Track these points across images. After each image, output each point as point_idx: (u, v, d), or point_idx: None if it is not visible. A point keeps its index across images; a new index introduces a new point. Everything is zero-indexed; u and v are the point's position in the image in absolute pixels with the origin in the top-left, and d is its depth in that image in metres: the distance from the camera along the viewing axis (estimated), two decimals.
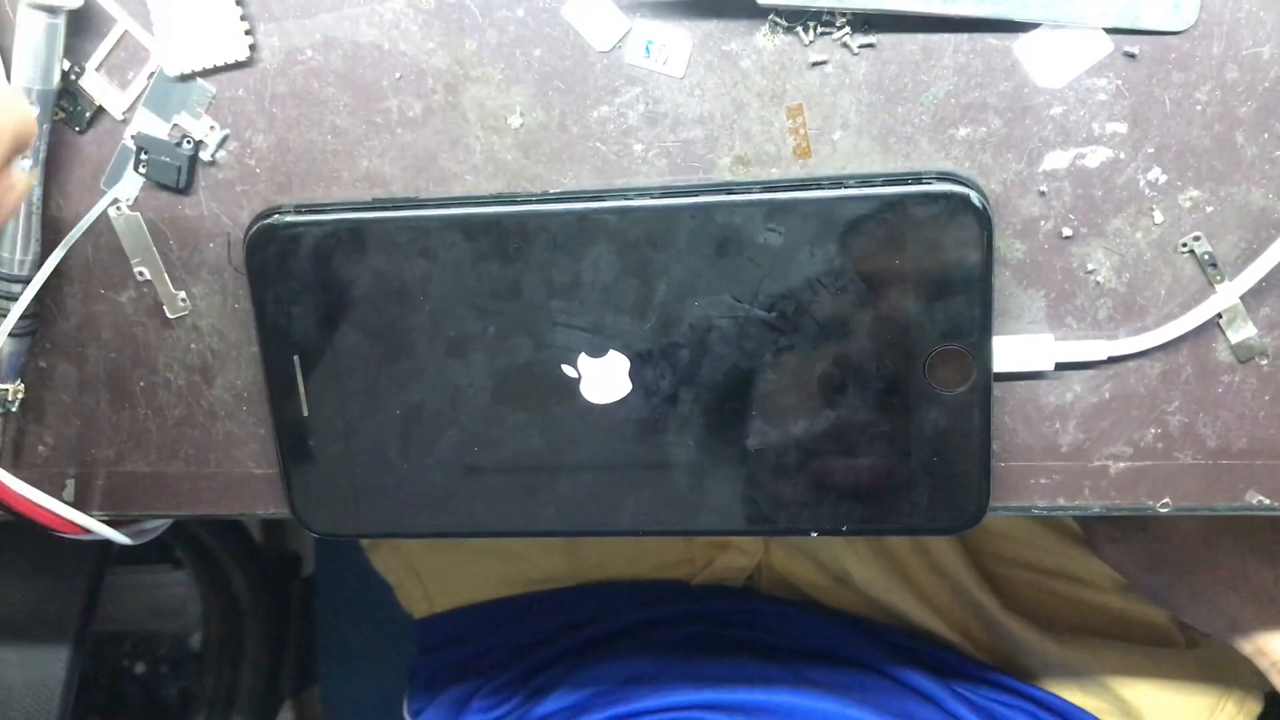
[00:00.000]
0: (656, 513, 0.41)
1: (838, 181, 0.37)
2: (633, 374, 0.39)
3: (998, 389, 0.40)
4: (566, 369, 0.40)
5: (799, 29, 0.37)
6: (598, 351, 0.39)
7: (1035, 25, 0.36)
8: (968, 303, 0.37)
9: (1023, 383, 0.40)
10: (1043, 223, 0.38)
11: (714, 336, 0.39)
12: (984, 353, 0.37)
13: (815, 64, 0.38)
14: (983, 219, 0.36)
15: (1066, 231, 0.38)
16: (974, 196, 0.36)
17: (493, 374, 0.40)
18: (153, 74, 0.40)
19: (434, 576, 0.74)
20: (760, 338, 0.38)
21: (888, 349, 0.38)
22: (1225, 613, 0.54)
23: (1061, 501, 0.41)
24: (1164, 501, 0.41)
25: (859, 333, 0.38)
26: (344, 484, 0.42)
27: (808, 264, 0.38)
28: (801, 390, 0.39)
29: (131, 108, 0.41)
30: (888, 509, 0.40)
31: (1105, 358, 0.38)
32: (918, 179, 0.37)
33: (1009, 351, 0.39)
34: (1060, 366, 0.39)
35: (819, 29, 0.37)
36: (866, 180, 0.37)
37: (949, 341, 0.38)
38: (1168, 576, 0.55)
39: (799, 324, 0.38)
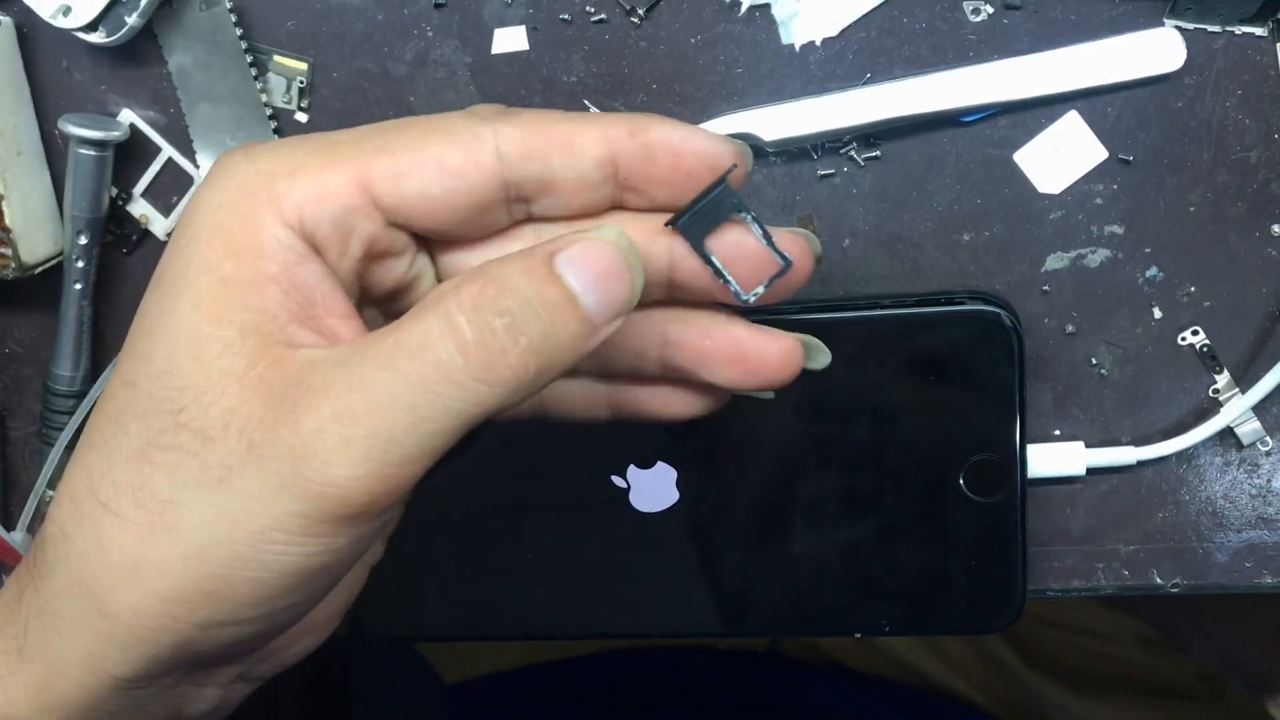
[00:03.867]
0: (703, 616, 0.43)
1: (874, 302, 0.39)
2: (679, 484, 0.41)
3: (1031, 492, 0.41)
4: (616, 480, 0.41)
5: (808, 146, 0.39)
6: (646, 463, 0.41)
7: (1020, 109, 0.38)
8: (1001, 416, 0.39)
9: None
10: (1047, 320, 0.40)
11: (759, 449, 0.40)
12: (1018, 462, 0.39)
13: (824, 176, 0.40)
14: (1014, 338, 0.38)
15: (1070, 328, 0.40)
16: (1005, 317, 0.38)
17: (546, 485, 0.42)
18: None
19: (465, 644, 0.76)
20: (803, 449, 0.40)
21: (926, 460, 0.40)
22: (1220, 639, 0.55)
23: (1076, 584, 0.43)
24: (1176, 581, 0.42)
25: (898, 445, 0.40)
26: (406, 586, 0.44)
27: (847, 381, 0.39)
28: (843, 499, 0.41)
29: (172, 230, 0.43)
30: (928, 611, 0.41)
31: (1135, 462, 0.40)
32: (950, 299, 0.38)
33: (1043, 459, 0.40)
34: (1091, 472, 0.41)
35: (826, 144, 0.39)
36: (900, 301, 0.39)
37: (984, 453, 0.39)
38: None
39: (840, 436, 0.40)
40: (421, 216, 0.26)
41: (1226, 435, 0.40)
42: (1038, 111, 0.38)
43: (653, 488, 0.41)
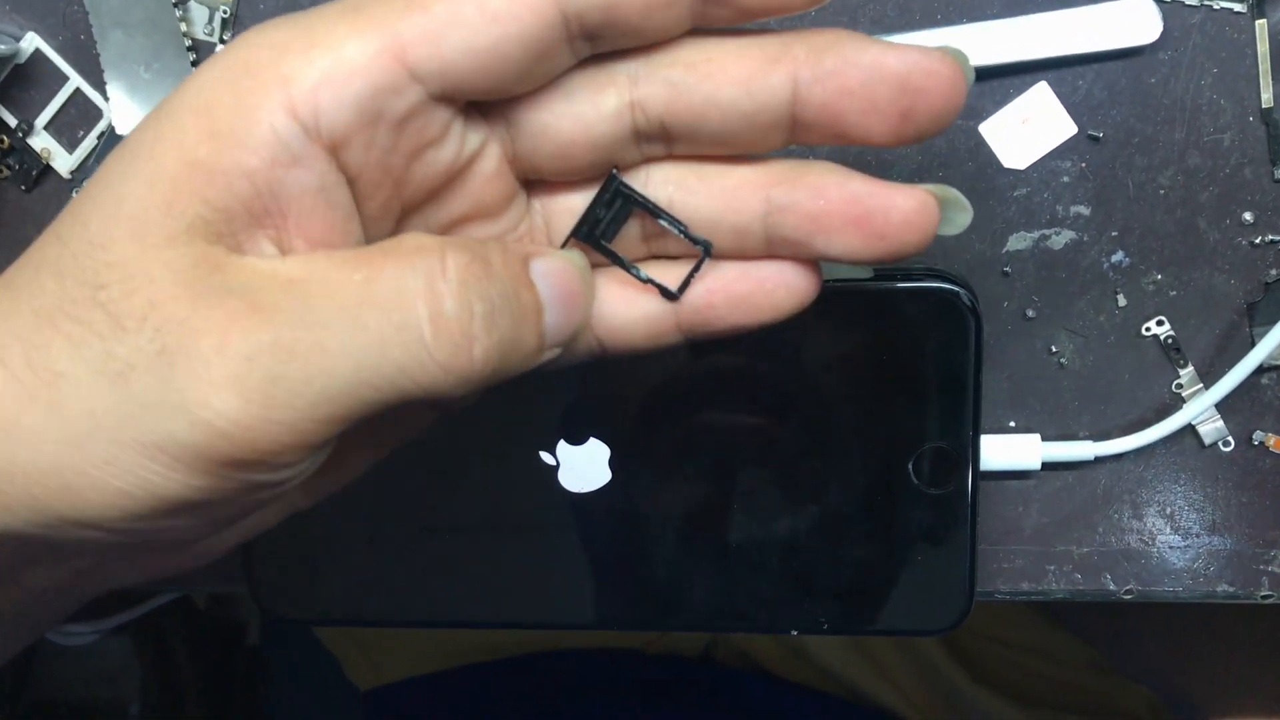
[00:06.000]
0: (633, 607, 0.40)
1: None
2: (613, 463, 0.38)
3: (982, 486, 0.39)
4: (544, 455, 0.39)
5: None
6: (577, 438, 0.38)
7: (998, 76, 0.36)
8: (956, 402, 0.36)
9: None
10: (1006, 303, 0.38)
11: (697, 428, 0.38)
12: (971, 452, 0.37)
13: None
14: (972, 320, 0.35)
15: (1030, 313, 0.38)
16: (963, 296, 0.35)
17: (465, 457, 0.39)
18: (103, 134, 0.39)
19: (379, 648, 0.72)
20: (745, 430, 0.38)
21: (873, 446, 0.37)
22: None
23: (1025, 586, 0.40)
24: (1129, 588, 0.40)
25: (844, 429, 0.37)
26: (306, 567, 0.41)
27: (792, 358, 0.37)
28: (784, 486, 0.38)
29: (81, 167, 0.40)
30: (870, 608, 0.39)
31: (1093, 458, 0.38)
32: (905, 274, 0.36)
33: (997, 451, 0.38)
34: (1046, 466, 0.39)
35: None
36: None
37: (935, 440, 0.37)
38: None
39: (782, 418, 0.37)
40: (470, 78, 0.22)
41: (1188, 433, 0.39)
42: (1006, 81, 0.36)
43: (584, 466, 0.39)
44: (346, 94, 0.21)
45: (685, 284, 0.25)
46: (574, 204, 0.26)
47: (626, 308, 0.26)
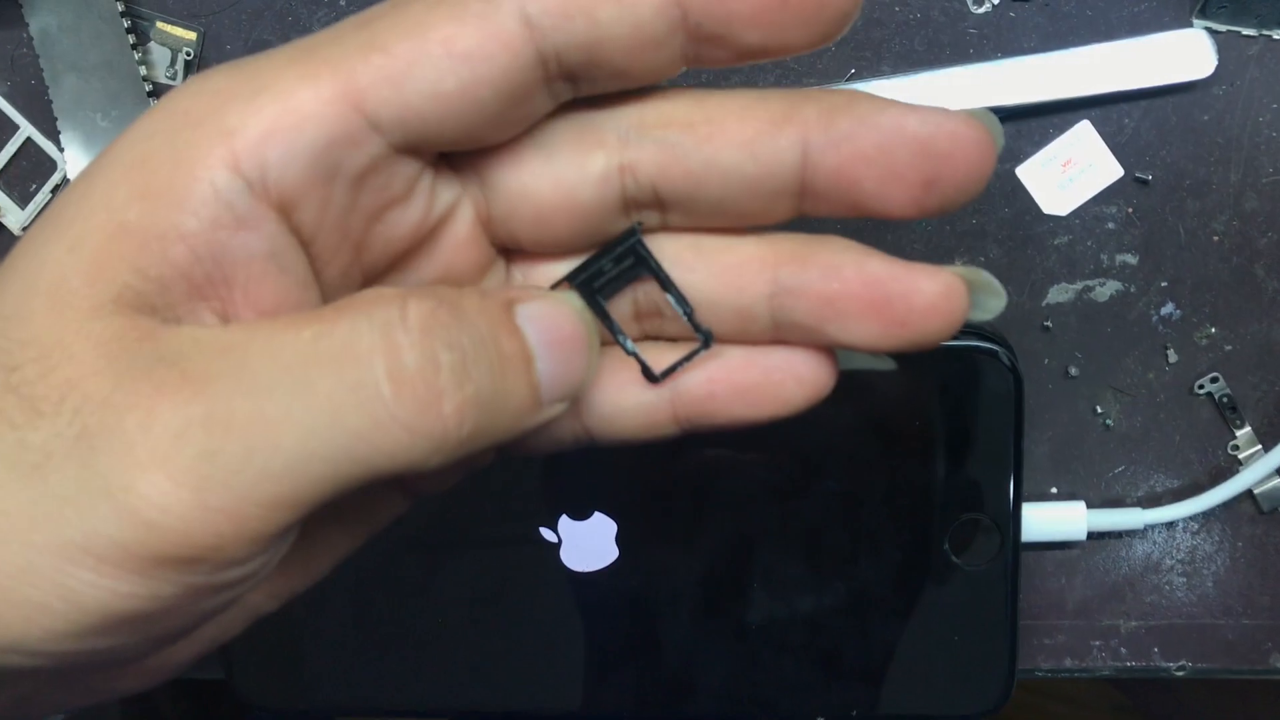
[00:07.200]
0: (643, 696, 0.37)
1: None
2: (620, 539, 0.35)
3: (1023, 558, 0.36)
4: (545, 532, 0.35)
5: None
6: (581, 513, 0.35)
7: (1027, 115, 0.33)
8: (995, 469, 0.33)
9: None
10: (1047, 360, 0.35)
11: (712, 498, 0.35)
12: (1012, 524, 0.34)
13: None
14: (1012, 380, 0.33)
15: (1073, 370, 0.35)
16: (1001, 355, 0.32)
17: (459, 535, 0.36)
18: (58, 186, 0.36)
19: None
20: (763, 501, 0.34)
21: (905, 517, 0.34)
22: None
23: (1069, 663, 0.37)
24: (1182, 664, 0.37)
25: (873, 500, 0.34)
26: (290, 650, 0.37)
27: (817, 423, 0.34)
28: (809, 562, 0.35)
29: (32, 223, 0.36)
30: (903, 693, 0.36)
31: (1142, 526, 0.35)
32: None
33: (1039, 521, 0.35)
34: (1092, 535, 0.36)
35: None
36: None
37: (973, 511, 0.34)
38: None
39: (807, 486, 0.34)
40: (437, 127, 0.19)
41: (1245, 499, 0.36)
42: (1045, 120, 0.33)
43: (588, 542, 0.35)
44: (297, 146, 0.18)
45: (671, 370, 0.22)
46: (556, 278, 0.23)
47: (618, 394, 0.23)
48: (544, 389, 0.20)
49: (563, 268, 0.22)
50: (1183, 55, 0.32)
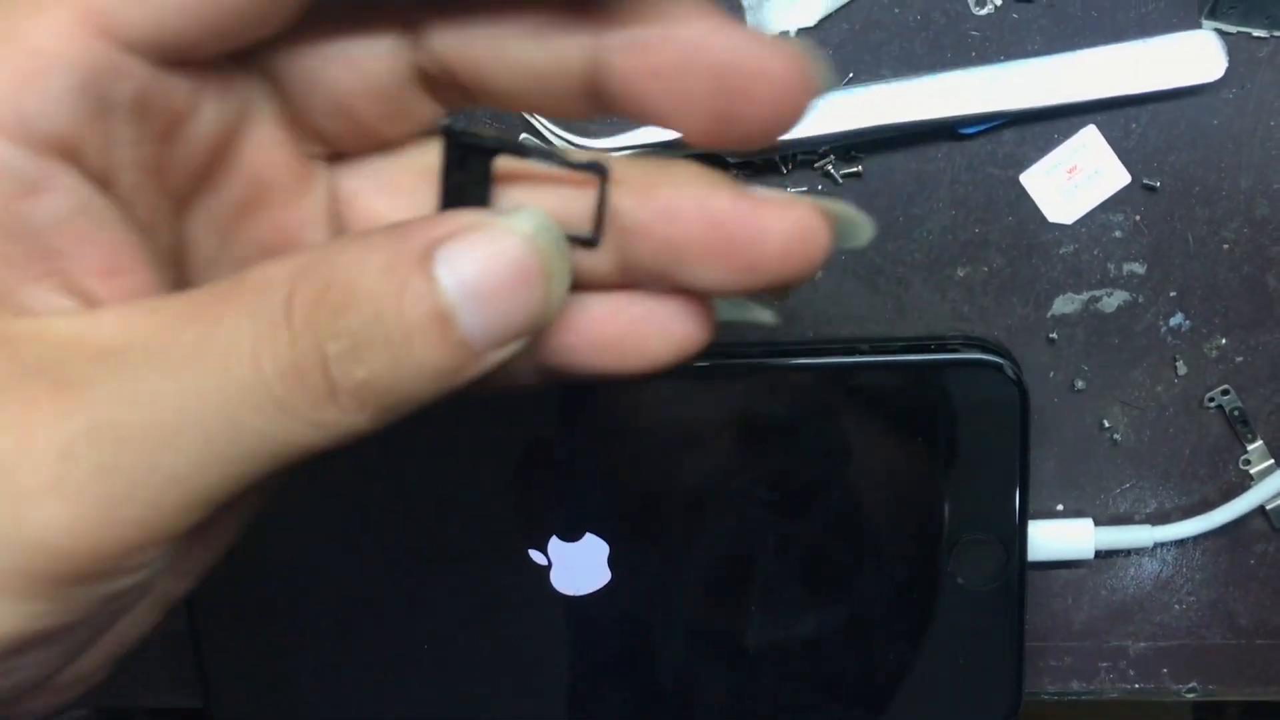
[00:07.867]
0: None
1: (850, 347, 0.32)
2: (612, 561, 0.34)
3: (1029, 578, 0.35)
4: (534, 554, 0.34)
5: (776, 157, 0.33)
6: (572, 534, 0.34)
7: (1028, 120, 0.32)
8: (1000, 487, 0.32)
9: None
10: (1052, 373, 0.34)
11: (707, 518, 0.33)
12: (1018, 544, 0.33)
13: (794, 194, 0.33)
14: (1017, 395, 0.31)
15: (1079, 384, 0.34)
16: (1006, 368, 0.31)
17: (445, 556, 0.34)
18: None
19: None
20: (761, 521, 0.33)
21: (906, 536, 0.33)
22: None
23: (1076, 686, 0.36)
24: (1191, 686, 0.36)
25: (874, 519, 0.33)
26: (268, 673, 0.36)
27: (816, 440, 0.33)
28: (808, 584, 0.34)
29: None
30: (905, 717, 0.35)
31: (1151, 544, 0.34)
32: (941, 345, 0.32)
33: (1045, 539, 0.34)
34: (1100, 554, 0.34)
35: (797, 156, 0.33)
36: (882, 346, 0.32)
37: (978, 532, 0.33)
38: None
39: (805, 507, 0.33)
40: (195, 29, 0.17)
41: (1257, 516, 0.35)
42: (1049, 125, 0.32)
43: (579, 565, 0.34)
44: (53, 92, 0.17)
45: (598, 224, 0.19)
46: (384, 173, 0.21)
47: None
48: (476, 340, 0.18)
49: (388, 162, 0.21)
50: (1191, 57, 0.31)
